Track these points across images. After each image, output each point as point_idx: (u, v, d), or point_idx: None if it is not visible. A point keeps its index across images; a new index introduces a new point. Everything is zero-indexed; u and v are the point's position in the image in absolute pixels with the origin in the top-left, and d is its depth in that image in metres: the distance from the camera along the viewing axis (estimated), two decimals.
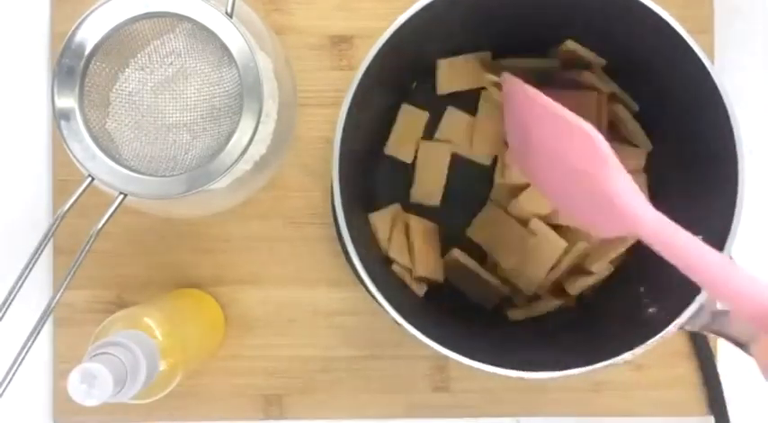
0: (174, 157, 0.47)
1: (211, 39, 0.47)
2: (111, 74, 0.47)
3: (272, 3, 0.63)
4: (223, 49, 0.46)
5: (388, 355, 0.63)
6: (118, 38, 0.46)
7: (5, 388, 0.43)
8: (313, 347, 0.63)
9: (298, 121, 0.58)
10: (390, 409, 0.63)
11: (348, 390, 0.63)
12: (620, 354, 0.50)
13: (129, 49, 0.47)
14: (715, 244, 0.49)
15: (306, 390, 0.63)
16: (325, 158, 0.54)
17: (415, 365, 0.63)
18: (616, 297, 0.59)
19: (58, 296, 0.45)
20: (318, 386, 0.63)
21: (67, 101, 0.45)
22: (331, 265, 0.63)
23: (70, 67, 0.45)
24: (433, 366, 0.63)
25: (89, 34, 0.45)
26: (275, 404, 0.63)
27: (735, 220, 0.50)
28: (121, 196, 0.46)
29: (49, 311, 0.44)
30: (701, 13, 0.64)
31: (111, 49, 0.46)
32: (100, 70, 0.46)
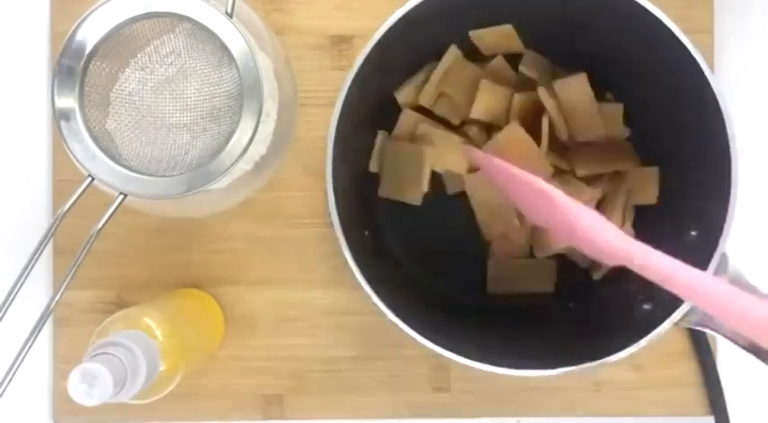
0: (174, 157, 0.47)
1: (211, 39, 0.47)
2: (111, 74, 0.47)
3: (272, 3, 0.63)
4: (223, 49, 0.46)
5: (388, 355, 0.63)
6: (118, 38, 0.46)
7: (5, 388, 0.43)
8: (313, 347, 0.63)
9: (298, 121, 0.58)
10: (390, 409, 0.63)
11: (348, 390, 0.63)
12: (616, 352, 0.50)
13: (129, 49, 0.47)
14: (709, 241, 0.50)
15: (306, 390, 0.63)
16: (325, 159, 0.54)
17: (415, 365, 0.63)
18: (609, 295, 0.59)
19: (58, 296, 0.45)
20: (319, 386, 0.63)
21: (67, 101, 0.45)
22: (331, 266, 0.63)
23: (70, 67, 0.45)
24: (432, 366, 0.63)
25: (89, 34, 0.45)
26: (275, 404, 0.63)
27: (728, 218, 0.50)
28: (121, 196, 0.46)
29: (49, 311, 0.44)
30: (700, 13, 0.64)
31: (111, 49, 0.46)
32: (100, 70, 0.46)
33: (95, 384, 0.43)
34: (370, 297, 0.50)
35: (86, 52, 0.45)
